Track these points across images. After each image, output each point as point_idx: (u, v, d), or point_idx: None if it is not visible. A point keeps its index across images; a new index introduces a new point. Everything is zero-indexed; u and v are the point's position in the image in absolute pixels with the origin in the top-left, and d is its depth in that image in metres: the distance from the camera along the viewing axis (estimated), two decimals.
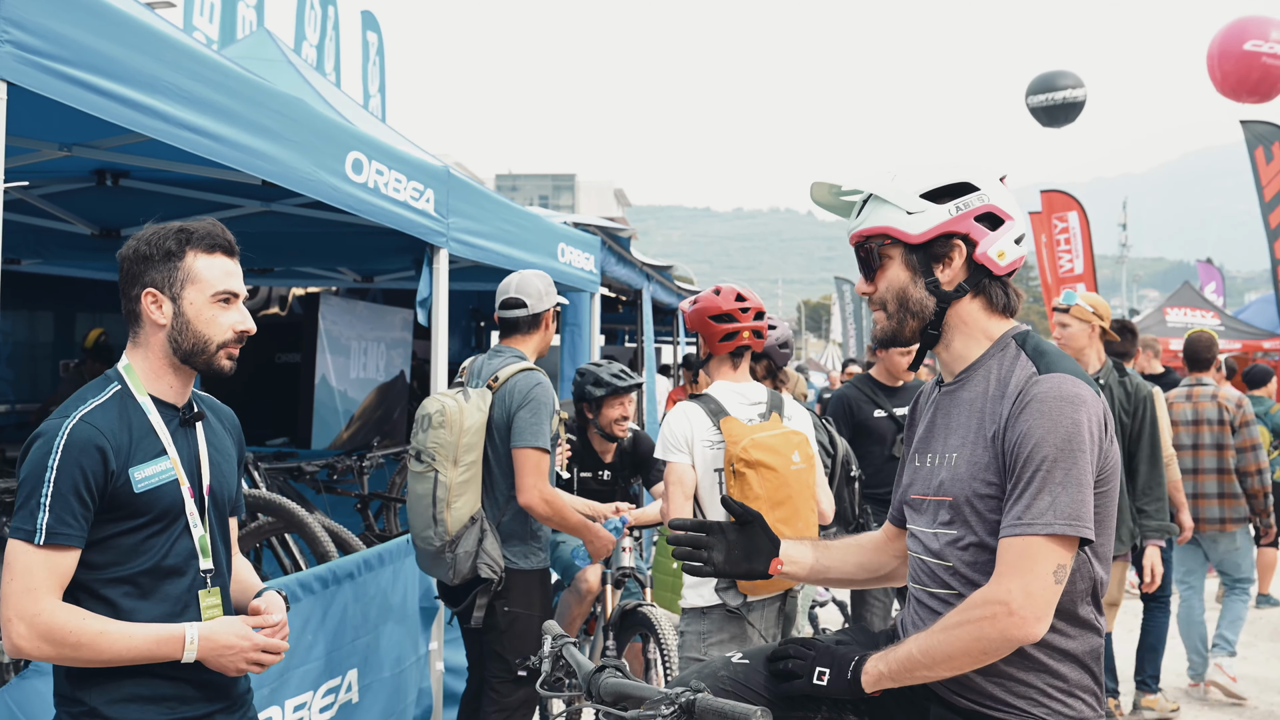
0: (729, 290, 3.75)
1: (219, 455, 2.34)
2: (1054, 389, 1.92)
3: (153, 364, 2.23)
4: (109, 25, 2.58)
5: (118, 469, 2.10)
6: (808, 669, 2.04)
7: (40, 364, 12.03)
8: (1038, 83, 12.99)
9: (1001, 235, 2.05)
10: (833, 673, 2.02)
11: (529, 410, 3.77)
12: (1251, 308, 17.61)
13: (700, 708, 1.66)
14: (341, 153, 3.65)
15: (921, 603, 2.12)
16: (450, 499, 3.71)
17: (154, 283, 2.20)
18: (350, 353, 7.93)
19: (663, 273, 9.63)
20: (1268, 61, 10.36)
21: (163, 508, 2.16)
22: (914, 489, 2.16)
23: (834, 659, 2.03)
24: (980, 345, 2.09)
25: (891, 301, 2.11)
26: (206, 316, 2.21)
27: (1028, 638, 1.87)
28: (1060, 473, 1.86)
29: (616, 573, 4.73)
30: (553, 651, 2.03)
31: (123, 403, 2.18)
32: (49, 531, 2.02)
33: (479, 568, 3.73)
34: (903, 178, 2.07)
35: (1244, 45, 10.43)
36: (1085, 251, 15.32)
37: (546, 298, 4.04)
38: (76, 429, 2.07)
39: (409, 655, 4.40)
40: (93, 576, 2.10)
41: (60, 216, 5.42)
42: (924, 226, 2.04)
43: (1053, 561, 1.86)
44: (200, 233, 2.23)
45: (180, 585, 2.19)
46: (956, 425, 2.07)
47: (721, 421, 3.55)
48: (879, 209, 2.08)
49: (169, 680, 2.16)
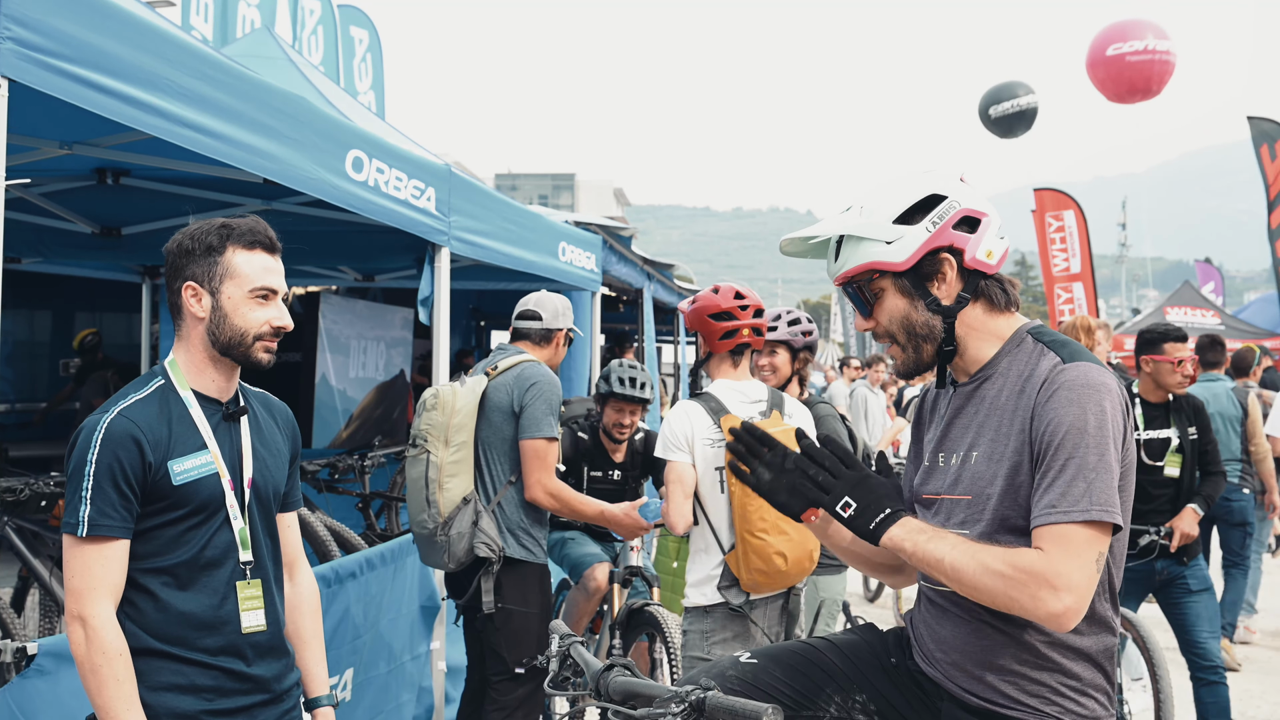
0: (727, 289, 3.74)
1: (265, 450, 2.37)
2: (1081, 376, 1.91)
3: (194, 358, 2.28)
4: (110, 22, 2.57)
5: (155, 462, 2.14)
6: (837, 492, 1.98)
7: (40, 363, 12.01)
8: (991, 95, 12.90)
9: (984, 234, 2.04)
10: (856, 511, 1.96)
11: (535, 399, 3.79)
12: (1251, 307, 17.63)
13: (711, 705, 1.65)
14: (342, 151, 3.64)
15: (933, 602, 2.11)
16: (442, 479, 3.73)
17: (194, 276, 2.25)
18: (350, 351, 7.92)
19: (664, 272, 9.62)
20: (1133, 60, 10.65)
21: (201, 500, 2.20)
22: (928, 488, 2.14)
23: (868, 498, 1.96)
24: (992, 345, 2.08)
25: (899, 332, 2.09)
26: (243, 311, 2.25)
27: (1060, 625, 1.84)
28: (1094, 458, 1.85)
29: (624, 572, 4.72)
30: (560, 650, 2.02)
31: (164, 397, 2.23)
32: (90, 523, 2.08)
33: (476, 547, 3.73)
34: (870, 208, 2.05)
35: (1107, 52, 10.72)
36: (1083, 250, 15.28)
37: (562, 318, 4.11)
38: (114, 423, 2.13)
39: (404, 654, 4.39)
40: (134, 566, 2.15)
41: (61, 215, 5.41)
42: (907, 252, 2.02)
43: (1094, 550, 1.85)
44: (242, 229, 2.28)
45: (220, 577, 2.23)
46: (975, 424, 2.06)
47: (723, 419, 3.54)
48: (857, 246, 2.06)
49: (205, 670, 2.19)
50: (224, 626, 2.22)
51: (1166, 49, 10.53)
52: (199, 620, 2.19)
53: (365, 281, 7.59)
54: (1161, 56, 10.54)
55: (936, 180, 2.06)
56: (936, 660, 2.08)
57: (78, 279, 8.00)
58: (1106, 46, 10.75)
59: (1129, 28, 10.73)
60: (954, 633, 2.04)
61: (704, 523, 3.59)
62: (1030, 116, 12.71)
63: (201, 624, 2.19)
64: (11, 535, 4.79)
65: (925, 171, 2.11)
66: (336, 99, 4.97)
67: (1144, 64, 10.55)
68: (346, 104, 5.20)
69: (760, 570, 3.48)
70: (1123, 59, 10.63)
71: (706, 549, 3.60)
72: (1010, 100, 12.43)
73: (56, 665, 2.60)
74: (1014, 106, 12.43)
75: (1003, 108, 12.37)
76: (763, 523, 3.44)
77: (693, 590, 3.62)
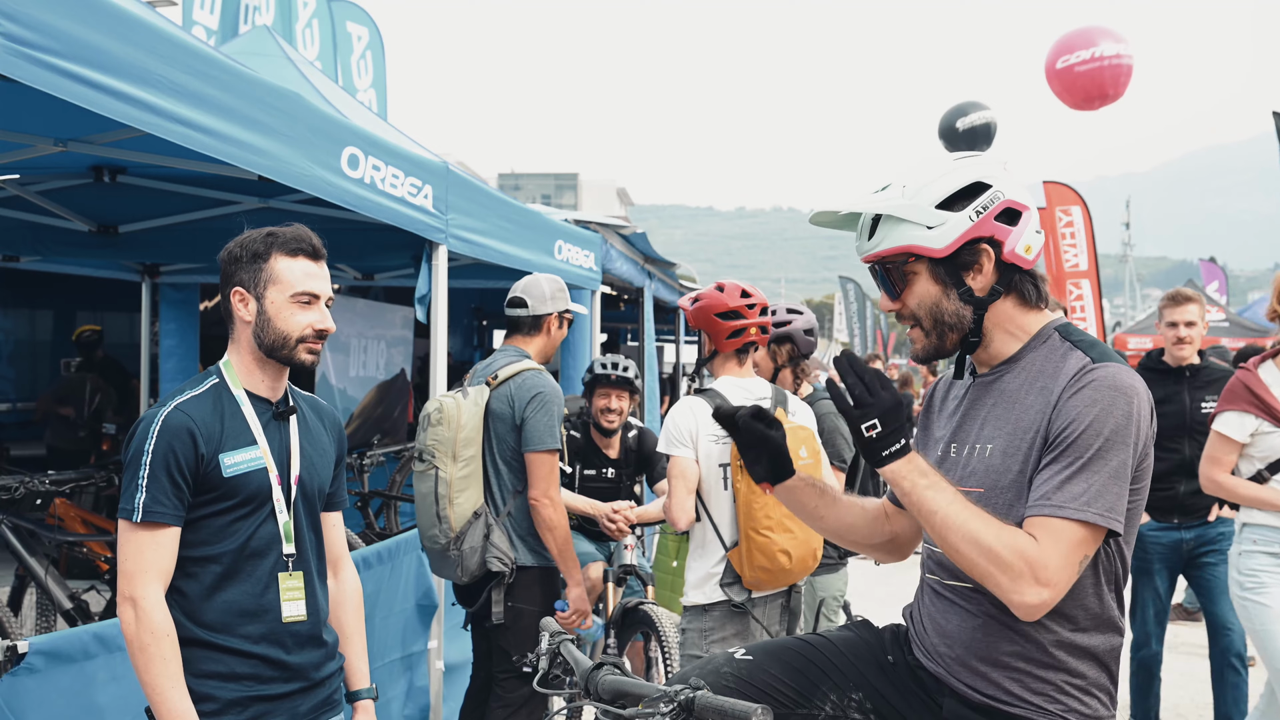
0: (733, 286, 3.72)
1: (312, 449, 2.49)
2: (1110, 377, 1.89)
3: (244, 359, 2.41)
4: (102, 18, 2.55)
5: (208, 454, 2.26)
6: (869, 409, 1.91)
7: (40, 362, 12.03)
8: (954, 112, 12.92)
9: (1024, 228, 2.00)
10: (880, 434, 1.91)
11: (538, 411, 3.76)
12: (1255, 306, 17.58)
13: (700, 705, 1.63)
14: (337, 148, 3.62)
15: (937, 593, 2.09)
16: (452, 495, 3.73)
17: (242, 282, 2.38)
18: (350, 350, 7.90)
19: (665, 270, 9.60)
20: (1082, 70, 10.76)
21: (249, 492, 2.32)
22: None
23: (894, 424, 1.91)
24: (1018, 340, 2.06)
25: (926, 318, 2.05)
26: (286, 314, 2.36)
27: (1029, 616, 1.84)
28: (1102, 461, 1.83)
29: (619, 570, 4.71)
30: (550, 648, 2.01)
31: (218, 395, 2.36)
32: (145, 510, 2.19)
33: (489, 562, 3.73)
34: (912, 189, 2.00)
35: (1056, 65, 10.84)
36: (1089, 246, 15.24)
37: (551, 301, 4.04)
38: (171, 416, 2.26)
39: (394, 651, 4.37)
40: (183, 554, 2.27)
41: (58, 213, 5.40)
42: (948, 239, 1.97)
43: (1081, 551, 1.83)
44: (285, 236, 2.40)
45: (263, 567, 2.34)
46: (993, 416, 2.03)
47: None
48: (895, 227, 2.00)
49: (245, 658, 2.30)
50: (265, 615, 2.33)
51: (1117, 53, 10.59)
52: (241, 608, 2.30)
53: (365, 280, 7.58)
54: (1112, 62, 10.61)
55: (984, 167, 2.02)
56: (940, 655, 2.06)
57: (79, 279, 7.99)
58: (1056, 60, 10.88)
59: (1074, 39, 10.86)
60: (960, 627, 2.02)
61: (705, 519, 3.58)
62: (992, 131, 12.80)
63: (244, 611, 2.31)
64: (8, 534, 4.78)
65: (970, 156, 2.07)
66: (333, 96, 4.95)
67: (1093, 72, 10.65)
68: (344, 101, 5.18)
69: (764, 567, 3.46)
70: (1071, 70, 10.74)
71: (707, 546, 3.58)
72: (976, 113, 12.49)
73: (47, 664, 2.59)
74: (980, 119, 12.47)
75: (969, 119, 12.41)
76: (768, 520, 3.43)
77: (692, 588, 3.61)
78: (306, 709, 2.39)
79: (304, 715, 2.39)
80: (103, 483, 5.59)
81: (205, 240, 5.55)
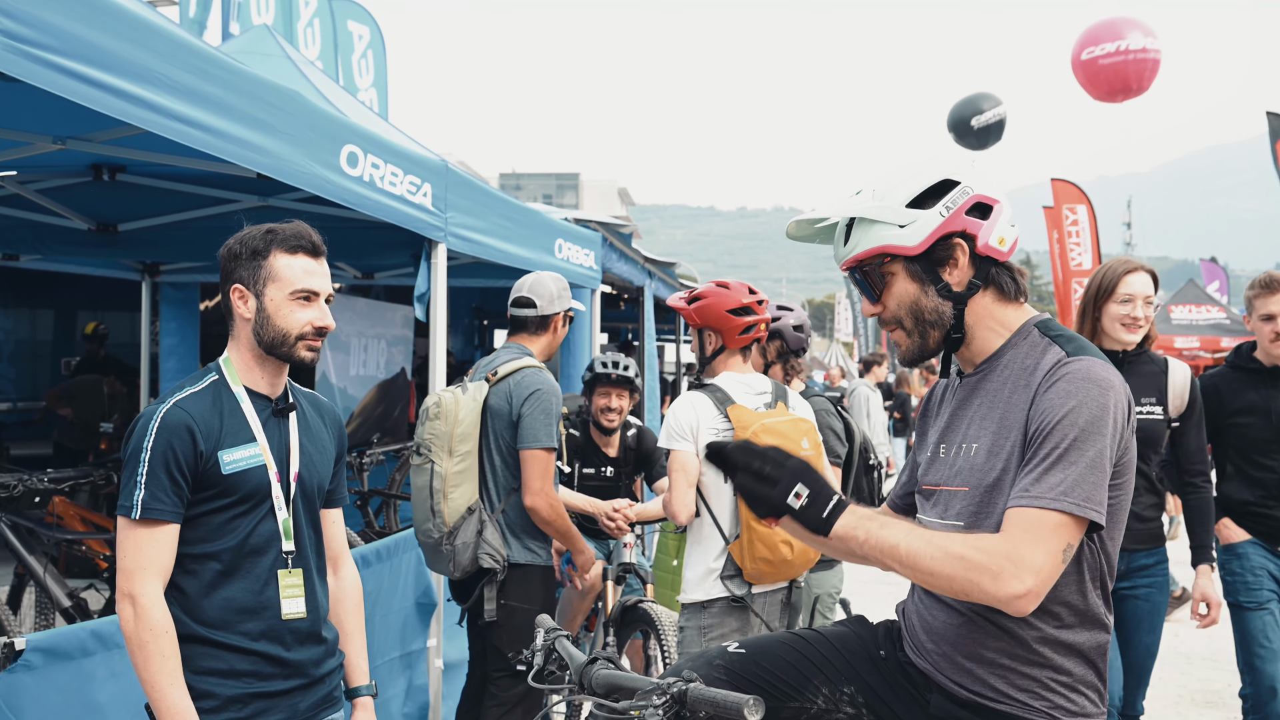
0: (739, 284, 3.74)
1: (312, 446, 2.49)
2: (1084, 370, 1.90)
3: (244, 356, 2.41)
4: (100, 16, 2.56)
5: (207, 451, 2.26)
6: (785, 483, 1.90)
7: (41, 361, 12.04)
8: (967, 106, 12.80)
9: (996, 221, 2.03)
10: (809, 499, 1.89)
11: (535, 409, 3.76)
12: None
13: (692, 698, 1.64)
14: (336, 146, 3.62)
15: (927, 592, 2.10)
16: (446, 489, 3.74)
17: (241, 279, 2.38)
18: (350, 349, 7.90)
19: (665, 270, 9.61)
20: (1107, 63, 10.72)
21: (248, 490, 2.32)
22: (929, 478, 2.14)
23: (817, 487, 1.90)
24: (1000, 336, 2.07)
25: (907, 317, 2.07)
26: (285, 312, 2.37)
27: (1019, 609, 1.82)
28: (1078, 452, 1.84)
29: (618, 569, 4.71)
30: (545, 644, 2.01)
31: (217, 392, 2.36)
32: (144, 507, 2.19)
33: (480, 558, 3.74)
34: (882, 191, 2.04)
35: (1081, 57, 10.81)
36: (1093, 245, 15.24)
37: (558, 301, 4.07)
38: (169, 413, 2.25)
39: (394, 649, 4.38)
40: (182, 551, 2.26)
41: (57, 211, 5.41)
42: (921, 235, 2.01)
43: (1062, 540, 1.83)
44: (285, 234, 2.39)
45: (262, 564, 2.34)
46: (977, 415, 2.05)
47: (729, 409, 3.53)
48: (869, 230, 2.05)
49: (244, 655, 2.30)
50: (264, 612, 2.33)
51: (1143, 47, 10.54)
52: (241, 605, 2.30)
53: (365, 279, 7.59)
54: (1138, 56, 10.57)
55: (951, 166, 2.05)
56: (927, 651, 2.07)
57: (80, 278, 8.00)
58: (1081, 51, 10.84)
59: (1102, 30, 10.82)
60: (945, 624, 2.03)
61: (705, 514, 3.58)
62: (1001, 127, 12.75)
63: (243, 608, 2.30)
64: (7, 532, 4.78)
65: (941, 159, 2.11)
66: (333, 95, 4.95)
67: (1119, 65, 10.62)
68: (343, 100, 5.18)
69: (765, 559, 3.46)
70: (1096, 63, 10.72)
71: (707, 541, 3.58)
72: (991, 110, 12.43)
73: (45, 661, 2.59)
74: (994, 116, 12.42)
75: (984, 117, 12.36)
76: None
77: (691, 585, 3.61)
78: (306, 706, 2.40)
79: (303, 712, 2.40)
80: (101, 480, 5.60)
81: (205, 239, 5.56)
